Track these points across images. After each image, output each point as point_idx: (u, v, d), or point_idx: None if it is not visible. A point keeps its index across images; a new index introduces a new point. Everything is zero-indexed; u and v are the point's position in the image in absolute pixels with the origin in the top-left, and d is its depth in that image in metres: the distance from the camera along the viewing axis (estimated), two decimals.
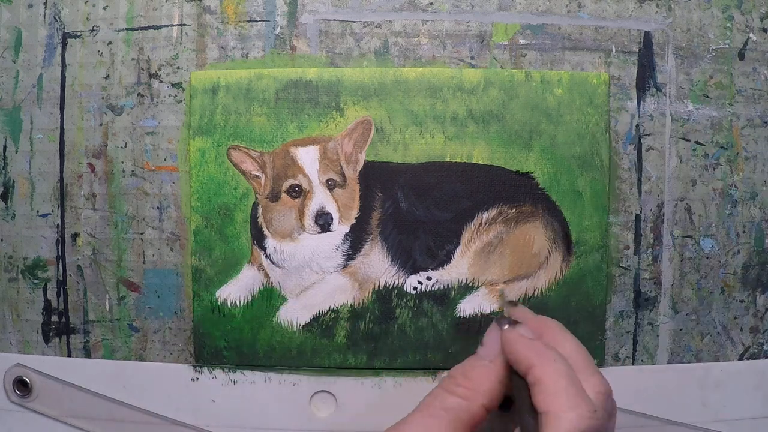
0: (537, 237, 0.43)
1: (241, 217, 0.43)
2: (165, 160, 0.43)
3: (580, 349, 0.34)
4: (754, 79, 0.43)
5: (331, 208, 0.42)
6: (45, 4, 0.44)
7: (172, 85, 0.43)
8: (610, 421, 0.33)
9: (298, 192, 0.43)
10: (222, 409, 0.44)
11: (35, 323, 0.45)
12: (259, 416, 0.44)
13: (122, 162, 0.44)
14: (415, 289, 0.43)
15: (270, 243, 0.43)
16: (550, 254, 0.43)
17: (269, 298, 0.43)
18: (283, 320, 0.43)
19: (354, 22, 0.43)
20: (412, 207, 0.43)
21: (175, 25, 0.43)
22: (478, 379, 0.34)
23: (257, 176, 0.43)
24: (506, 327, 0.34)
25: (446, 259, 0.43)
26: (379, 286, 0.43)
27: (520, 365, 0.32)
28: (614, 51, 0.43)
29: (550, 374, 0.31)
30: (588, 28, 0.43)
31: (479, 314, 0.43)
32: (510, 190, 0.42)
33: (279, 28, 0.43)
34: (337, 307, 0.43)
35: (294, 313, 0.43)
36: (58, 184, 0.44)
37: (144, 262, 0.44)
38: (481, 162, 0.42)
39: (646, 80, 0.43)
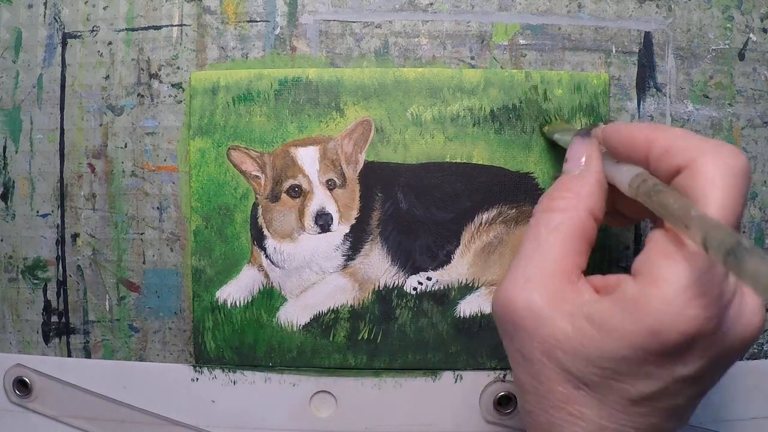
0: None
1: (241, 217, 0.43)
2: (165, 160, 0.43)
3: None
4: (754, 80, 0.43)
5: (331, 208, 0.42)
6: (45, 4, 0.44)
7: (172, 85, 0.43)
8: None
9: (298, 192, 0.43)
10: (222, 410, 0.44)
11: (35, 323, 0.45)
12: (259, 416, 0.44)
13: (122, 162, 0.44)
14: (415, 289, 0.43)
15: (270, 243, 0.43)
16: None
17: (269, 298, 0.43)
18: (283, 321, 0.43)
19: (354, 22, 0.43)
20: (412, 207, 0.43)
21: (175, 26, 0.43)
22: (574, 187, 0.32)
23: (257, 176, 0.43)
24: (588, 136, 0.33)
25: (446, 260, 0.43)
26: (379, 286, 0.43)
27: (637, 146, 0.30)
28: (614, 51, 0.43)
29: (674, 134, 0.29)
30: (588, 28, 0.43)
31: (479, 314, 0.43)
32: (510, 190, 0.42)
33: (279, 28, 0.43)
34: (337, 308, 0.43)
35: (294, 314, 0.43)
36: (58, 185, 0.44)
37: (144, 263, 0.44)
38: (481, 162, 0.42)
39: (646, 80, 0.43)
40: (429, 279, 0.43)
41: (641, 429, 0.29)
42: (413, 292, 0.43)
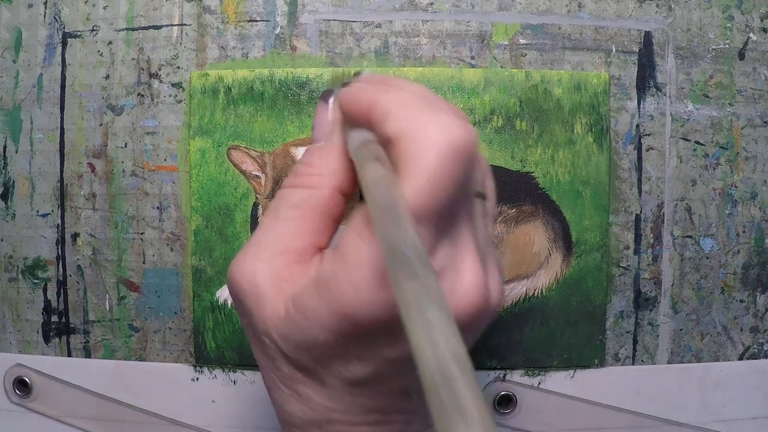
0: (537, 237, 0.43)
1: (241, 217, 0.43)
2: (165, 160, 0.43)
3: (424, 88, 0.28)
4: (754, 79, 0.43)
5: None
6: (45, 4, 0.44)
7: (172, 85, 0.43)
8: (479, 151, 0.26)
9: None
10: (222, 409, 0.44)
11: (35, 323, 0.45)
12: (259, 416, 0.44)
13: (122, 162, 0.44)
14: None
15: None
16: (550, 254, 0.43)
17: None
18: None
19: (354, 22, 0.43)
20: None
21: (175, 25, 0.43)
22: (318, 162, 0.29)
23: (257, 176, 0.43)
24: (331, 98, 0.29)
25: None
26: None
27: (361, 110, 0.26)
28: (614, 51, 0.43)
29: (397, 100, 0.25)
30: (588, 28, 0.43)
31: None
32: (510, 190, 0.42)
33: (279, 28, 0.43)
34: None
35: None
36: (58, 184, 0.44)
37: (144, 262, 0.44)
38: None
39: (646, 80, 0.43)
40: None
41: (372, 410, 0.27)
42: None
